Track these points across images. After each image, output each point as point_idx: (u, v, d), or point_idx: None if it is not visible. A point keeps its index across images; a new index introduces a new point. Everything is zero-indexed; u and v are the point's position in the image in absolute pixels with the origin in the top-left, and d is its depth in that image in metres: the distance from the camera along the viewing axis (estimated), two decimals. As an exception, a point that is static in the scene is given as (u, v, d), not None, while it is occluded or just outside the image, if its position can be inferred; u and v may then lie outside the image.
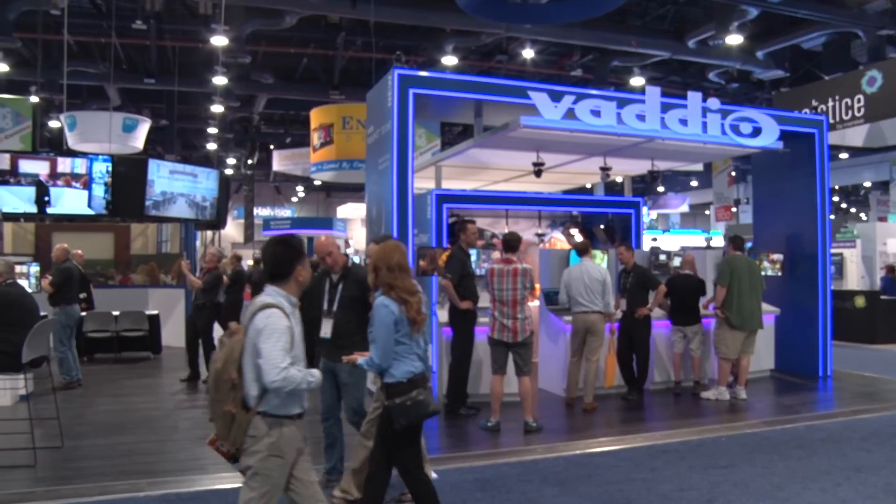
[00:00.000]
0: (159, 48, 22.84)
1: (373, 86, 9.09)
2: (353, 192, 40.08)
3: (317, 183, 35.24)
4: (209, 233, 28.17)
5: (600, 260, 9.27)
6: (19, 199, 12.17)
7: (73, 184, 12.40)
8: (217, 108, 25.02)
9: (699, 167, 19.64)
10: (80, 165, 12.54)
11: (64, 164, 12.54)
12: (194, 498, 5.24)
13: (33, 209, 12.40)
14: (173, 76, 23.52)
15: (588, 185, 13.88)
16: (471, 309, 7.78)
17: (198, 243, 17.83)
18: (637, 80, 20.57)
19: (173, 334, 13.10)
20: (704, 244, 29.99)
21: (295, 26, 19.23)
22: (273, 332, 3.30)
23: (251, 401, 3.35)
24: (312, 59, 24.31)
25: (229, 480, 5.65)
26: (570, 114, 8.19)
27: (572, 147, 9.44)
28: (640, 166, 10.94)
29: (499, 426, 7.20)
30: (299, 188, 44.01)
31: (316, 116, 19.60)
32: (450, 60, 19.37)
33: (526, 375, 7.19)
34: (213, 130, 30.29)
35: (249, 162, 35.45)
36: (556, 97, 8.21)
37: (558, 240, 11.67)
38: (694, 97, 8.91)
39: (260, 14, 18.96)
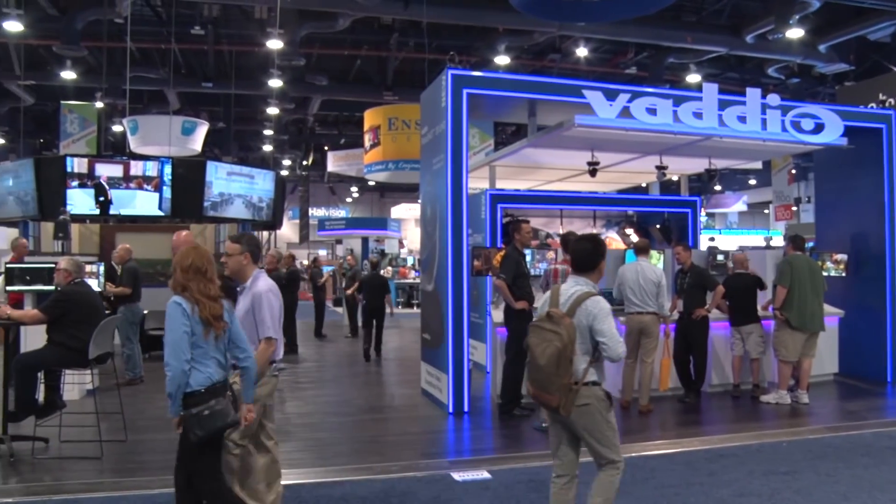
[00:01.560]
0: (216, 53, 23.32)
1: (426, 86, 9.12)
2: (406, 192, 40.33)
3: (371, 183, 35.54)
4: (265, 233, 28.59)
5: (656, 260, 9.15)
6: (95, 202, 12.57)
7: (145, 186, 12.73)
8: (272, 111, 25.40)
9: (758, 165, 19.18)
10: (151, 168, 12.87)
11: (136, 167, 12.88)
12: (251, 494, 5.32)
13: (96, 210, 12.76)
14: (230, 80, 24.00)
15: (643, 185, 13.70)
16: (526, 309, 7.76)
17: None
18: (693, 78, 20.23)
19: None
20: (764, 244, 29.34)
21: (348, 28, 19.42)
22: (606, 314, 3.95)
23: (579, 374, 3.93)
24: (366, 60, 24.51)
25: (285, 477, 5.71)
26: (625, 112, 8.10)
27: (627, 146, 9.33)
28: (697, 165, 10.76)
29: (553, 427, 7.16)
30: (353, 189, 44.43)
31: (367, 118, 19.78)
32: (502, 60, 19.33)
33: (582, 376, 7.15)
34: (268, 132, 30.78)
35: (304, 163, 35.90)
36: (610, 96, 8.13)
37: (613, 239, 11.56)
38: (753, 93, 8.73)
39: (314, 17, 19.19)
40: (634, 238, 10.84)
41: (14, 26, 18.21)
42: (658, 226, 11.60)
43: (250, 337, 4.40)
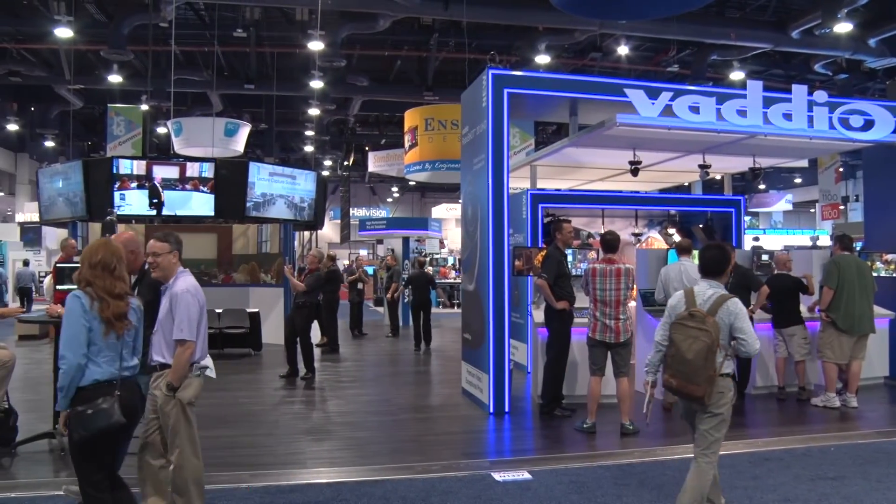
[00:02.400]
0: (258, 55, 23.62)
1: (466, 87, 9.12)
2: (447, 192, 40.42)
3: (411, 183, 35.68)
4: (306, 233, 28.89)
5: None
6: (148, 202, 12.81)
7: (201, 188, 12.92)
8: (314, 111, 25.63)
9: (804, 163, 18.83)
10: (207, 170, 13.05)
11: (192, 169, 13.07)
12: (293, 490, 5.38)
13: (166, 212, 12.98)
14: (272, 81, 24.29)
15: (686, 184, 13.54)
16: (567, 309, 7.71)
17: (296, 243, 18.29)
18: (737, 75, 19.93)
19: (273, 332, 13.50)
20: (810, 244, 28.77)
21: (388, 29, 19.51)
22: (745, 314, 4.41)
23: (717, 367, 4.34)
24: (406, 61, 24.61)
25: (326, 475, 5.80)
26: (667, 111, 8.01)
27: (670, 145, 9.23)
28: (741, 163, 10.59)
29: (595, 428, 7.11)
30: (394, 189, 44.68)
31: (406, 119, 19.85)
32: (543, 59, 19.25)
33: (625, 377, 7.11)
34: (310, 133, 31.08)
35: (345, 163, 36.16)
36: (652, 94, 8.04)
37: (655, 239, 11.44)
38: (799, 90, 8.56)
39: (354, 18, 19.32)
40: (677, 238, 10.70)
41: (64, 32, 18.68)
42: (701, 225, 11.44)
43: (168, 339, 4.42)
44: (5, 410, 6.30)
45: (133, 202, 12.70)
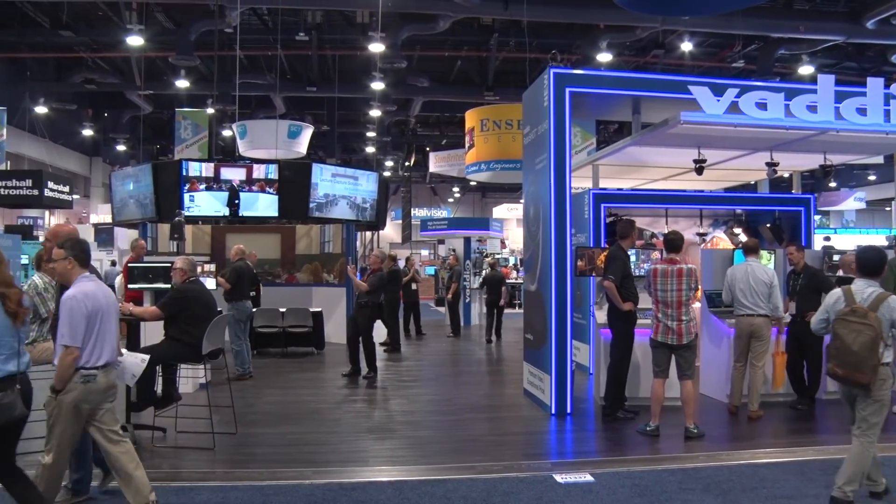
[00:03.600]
0: (320, 57, 23.96)
1: (527, 86, 9.07)
2: (508, 192, 40.35)
3: (472, 183, 35.74)
4: (368, 233, 29.17)
5: (767, 260, 8.80)
6: (220, 203, 13.09)
7: (267, 189, 13.18)
8: (375, 113, 25.87)
9: (878, 160, 18.17)
10: (273, 171, 13.30)
11: (259, 171, 13.33)
12: (355, 488, 5.43)
13: (221, 213, 13.26)
14: (333, 83, 24.60)
15: (752, 182, 13.21)
16: (632, 310, 7.62)
17: (357, 244, 18.49)
18: (806, 69, 19.37)
19: (335, 331, 13.67)
20: (886, 243, 27.76)
21: (448, 30, 19.56)
22: None
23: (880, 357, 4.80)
24: (466, 61, 24.64)
25: (388, 473, 5.85)
26: (733, 107, 7.83)
27: (736, 142, 9.02)
28: (811, 160, 10.29)
29: (658, 431, 7.01)
30: (455, 189, 44.77)
31: (466, 120, 19.87)
32: (604, 57, 19.04)
33: (689, 379, 6.97)
34: (371, 134, 31.38)
35: (406, 164, 36.39)
36: (718, 91, 7.87)
37: (721, 239, 11.20)
38: (874, 83, 8.25)
39: (414, 19, 19.43)
40: (743, 238, 10.46)
41: (135, 40, 19.27)
42: (768, 225, 11.15)
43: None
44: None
45: (202, 203, 13.00)
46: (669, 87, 8.45)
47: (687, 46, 19.74)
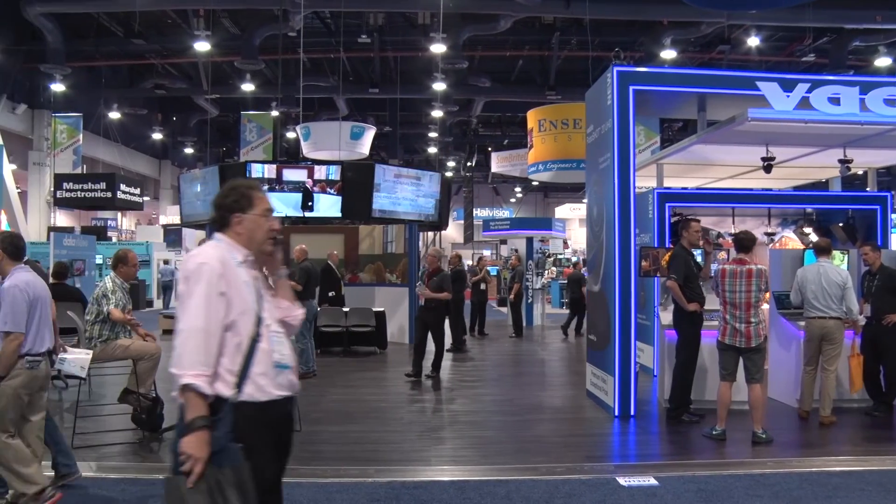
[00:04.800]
0: (382, 59, 24.19)
1: (590, 85, 8.99)
2: (571, 192, 40.06)
3: (534, 183, 35.61)
4: (430, 233, 29.32)
5: (839, 261, 8.53)
6: (283, 205, 13.33)
7: (329, 190, 13.37)
8: (437, 113, 25.98)
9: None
10: (334, 172, 13.46)
11: (320, 172, 13.52)
12: (417, 487, 5.46)
13: (296, 213, 13.48)
14: (395, 85, 24.80)
15: (824, 180, 12.82)
16: (698, 311, 7.48)
17: (420, 244, 18.61)
18: (883, 61, 18.69)
19: (397, 330, 13.77)
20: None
21: (510, 29, 19.54)
22: None
23: None
24: (528, 60, 24.57)
25: (450, 473, 5.87)
26: (804, 103, 7.62)
27: (807, 139, 8.77)
28: (888, 157, 9.93)
29: (724, 435, 6.85)
30: (517, 189, 44.66)
31: (527, 120, 19.82)
32: (668, 54, 18.76)
33: (757, 383, 6.79)
34: (433, 134, 31.53)
35: (468, 164, 36.46)
36: (787, 86, 7.67)
37: (790, 239, 10.90)
38: (956, 77, 7.94)
39: (475, 20, 19.46)
40: (814, 237, 10.16)
41: (202, 46, 19.80)
42: (841, 224, 10.79)
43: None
44: (153, 399, 6.72)
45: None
46: (736, 83, 8.26)
47: (754, 41, 19.29)
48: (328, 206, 13.40)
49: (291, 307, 3.09)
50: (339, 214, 13.58)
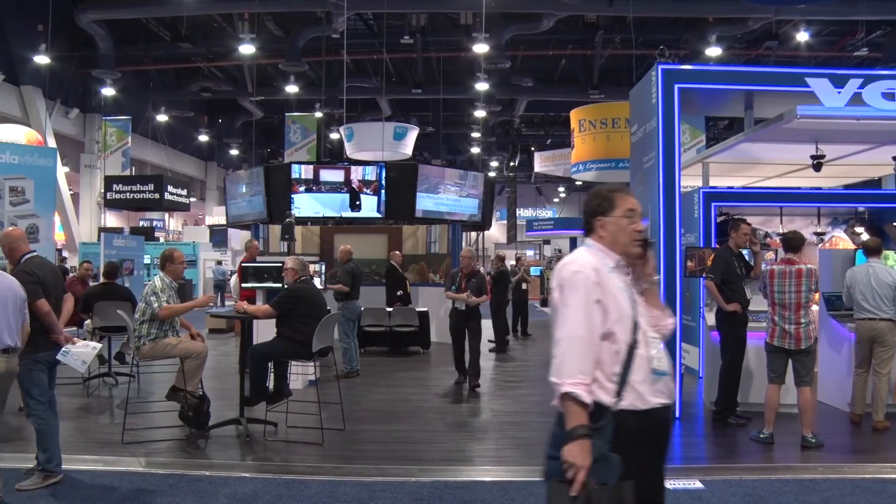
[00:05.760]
0: (425, 60, 24.26)
1: (634, 83, 8.89)
2: (615, 191, 39.65)
3: (578, 183, 35.39)
4: (473, 234, 29.33)
5: (893, 261, 8.31)
6: (320, 205, 13.45)
7: (365, 190, 13.46)
8: (479, 113, 25.97)
9: None
10: (370, 173, 13.56)
11: (356, 172, 13.63)
12: (460, 487, 5.46)
13: (331, 214, 13.60)
14: (438, 85, 24.86)
15: (876, 178, 12.51)
16: (738, 312, 7.34)
17: (463, 244, 18.63)
18: (939, 56, 18.16)
19: (441, 330, 13.77)
20: None
21: (552, 28, 19.45)
22: None
23: None
24: (571, 59, 24.43)
25: (493, 473, 5.85)
26: (856, 99, 7.44)
27: (858, 136, 8.56)
28: (945, 154, 9.64)
29: (772, 439, 6.72)
30: (560, 189, 44.42)
31: (570, 119, 19.72)
32: (714, 51, 18.47)
33: (807, 386, 6.64)
34: (476, 135, 31.52)
35: (511, 164, 36.37)
36: (838, 82, 7.50)
37: (841, 239, 10.65)
38: None
39: (518, 19, 19.40)
40: (865, 237, 9.91)
41: (247, 49, 20.07)
42: (895, 223, 10.53)
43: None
44: (200, 397, 6.82)
45: (301, 205, 13.34)
46: (784, 80, 8.11)
47: (803, 37, 18.89)
48: (365, 206, 13.49)
49: (662, 316, 2.96)
50: (376, 214, 13.63)
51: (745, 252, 8.02)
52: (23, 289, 5.05)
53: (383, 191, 13.41)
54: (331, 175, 13.59)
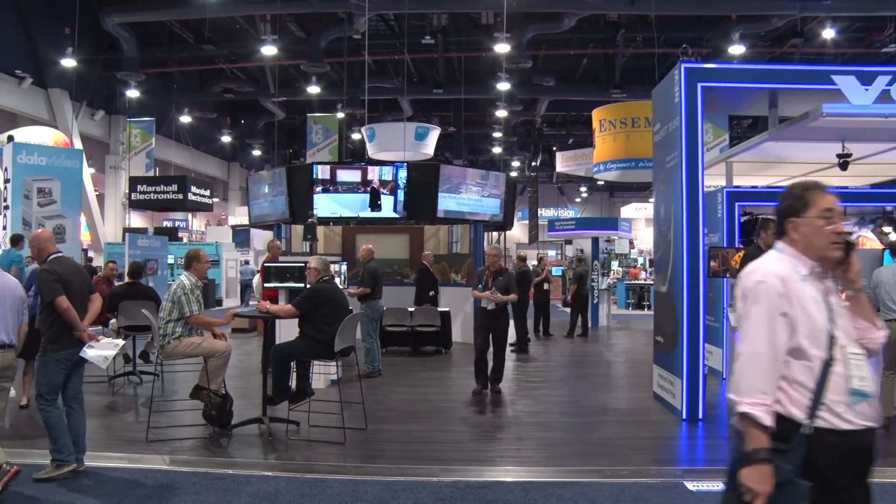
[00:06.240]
0: (446, 60, 24.27)
1: (656, 82, 8.83)
2: (637, 191, 39.53)
3: (600, 183, 35.27)
4: (495, 233, 29.30)
5: (922, 261, 8.18)
6: (337, 205, 13.48)
7: (382, 190, 13.49)
8: (501, 113, 25.94)
9: None
10: (387, 173, 13.58)
11: (373, 172, 13.66)
12: (482, 487, 5.44)
13: (348, 214, 13.64)
14: (459, 85, 24.87)
15: (903, 177, 12.34)
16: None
17: (485, 243, 18.63)
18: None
19: (462, 330, 13.77)
20: None
21: (574, 28, 19.37)
22: None
23: None
24: (592, 59, 24.33)
25: (515, 473, 5.84)
26: (884, 96, 7.34)
27: (886, 134, 8.41)
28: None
29: (798, 441, 6.62)
30: (582, 189, 44.27)
31: (592, 119, 19.65)
32: (737, 49, 18.31)
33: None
34: (497, 134, 31.49)
35: (533, 164, 36.30)
36: (866, 79, 7.40)
37: (868, 239, 10.53)
38: None
39: (539, 19, 19.35)
40: (894, 237, 9.80)
41: (269, 50, 20.20)
42: (923, 223, 10.39)
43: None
44: (223, 396, 6.87)
45: (319, 205, 13.38)
46: (810, 77, 8.02)
47: (829, 33, 18.65)
48: (383, 206, 13.52)
49: (869, 328, 2.64)
50: (393, 214, 13.65)
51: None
52: (23, 291, 5.40)
53: (399, 191, 13.41)
54: (348, 175, 13.62)
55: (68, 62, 21.30)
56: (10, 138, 15.50)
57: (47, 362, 5.34)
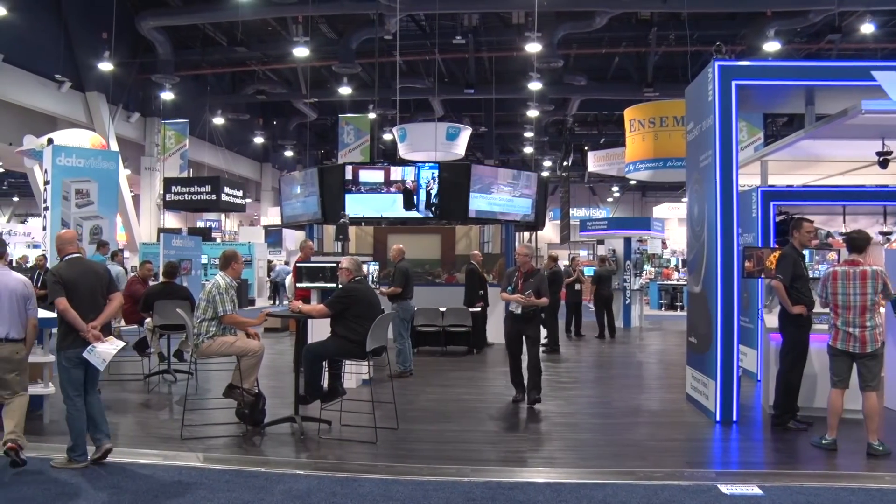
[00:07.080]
0: (477, 60, 24.27)
1: (689, 80, 8.74)
2: (669, 191, 39.20)
3: (632, 183, 35.01)
4: (526, 233, 29.23)
5: (963, 261, 8.00)
6: (361, 206, 13.54)
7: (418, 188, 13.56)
8: (532, 113, 25.86)
9: None
10: (409, 173, 13.63)
11: (395, 173, 13.71)
12: (513, 488, 5.42)
13: (373, 214, 13.70)
14: (490, 85, 24.86)
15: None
16: (804, 314, 7.14)
17: (516, 244, 18.59)
18: None
19: (494, 330, 13.73)
20: None
21: (605, 26, 19.25)
22: None
23: None
24: (624, 57, 24.17)
25: (546, 474, 5.81)
26: (926, 92, 7.17)
27: (928, 131, 8.26)
28: None
29: (835, 445, 6.51)
30: (614, 188, 44.00)
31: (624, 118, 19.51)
32: (772, 46, 18.06)
33: (873, 391, 6.40)
34: (528, 134, 31.41)
35: (565, 164, 36.15)
36: (906, 75, 7.24)
37: (910, 239, 10.31)
38: None
39: (571, 18, 19.26)
40: (935, 236, 9.59)
41: (301, 52, 20.34)
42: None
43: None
44: (256, 395, 6.93)
45: (350, 206, 13.44)
46: (848, 74, 7.87)
47: (868, 28, 18.29)
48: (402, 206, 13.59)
49: None
50: (417, 214, 13.67)
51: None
52: (28, 287, 5.73)
53: (421, 190, 13.43)
54: (370, 175, 13.70)
55: (105, 66, 21.71)
56: (50, 141, 15.80)
57: (60, 360, 5.65)
